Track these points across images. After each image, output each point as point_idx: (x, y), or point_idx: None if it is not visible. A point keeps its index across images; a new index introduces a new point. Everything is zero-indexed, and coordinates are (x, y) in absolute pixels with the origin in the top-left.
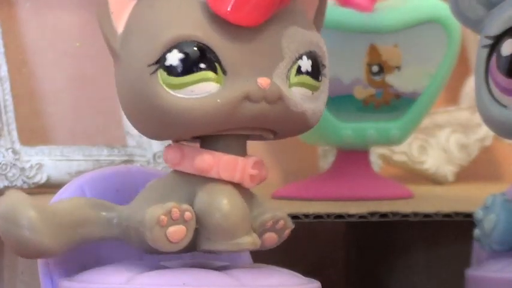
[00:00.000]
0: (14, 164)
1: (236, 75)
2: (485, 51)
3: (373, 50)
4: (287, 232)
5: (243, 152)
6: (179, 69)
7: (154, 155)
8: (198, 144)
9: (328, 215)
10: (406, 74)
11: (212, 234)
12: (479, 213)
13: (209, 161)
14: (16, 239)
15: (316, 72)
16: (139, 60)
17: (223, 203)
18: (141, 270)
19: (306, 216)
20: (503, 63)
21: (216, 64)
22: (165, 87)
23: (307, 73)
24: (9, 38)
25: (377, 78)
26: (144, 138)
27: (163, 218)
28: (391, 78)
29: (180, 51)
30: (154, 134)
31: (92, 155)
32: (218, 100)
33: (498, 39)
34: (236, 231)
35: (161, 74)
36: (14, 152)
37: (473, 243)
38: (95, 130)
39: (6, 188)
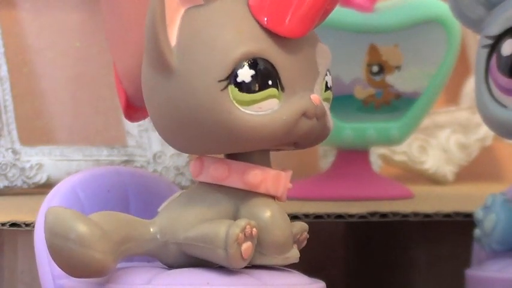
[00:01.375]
0: (14, 164)
1: (291, 92)
2: (485, 51)
3: (373, 50)
4: (304, 243)
5: (270, 164)
6: (251, 86)
7: (154, 155)
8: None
9: (328, 215)
10: (406, 74)
11: (265, 249)
12: (479, 213)
13: (260, 176)
14: (67, 256)
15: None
16: (206, 75)
17: (275, 220)
18: (162, 270)
19: (306, 216)
20: (504, 63)
21: (277, 81)
22: (235, 103)
23: (329, 88)
24: (9, 38)
25: (377, 78)
26: (144, 138)
27: (241, 236)
28: (391, 78)
29: (251, 67)
30: (205, 149)
31: (92, 155)
32: (284, 117)
33: (498, 39)
34: (288, 246)
35: (232, 90)
36: (14, 152)
37: (473, 243)
38: (95, 130)
39: (6, 188)
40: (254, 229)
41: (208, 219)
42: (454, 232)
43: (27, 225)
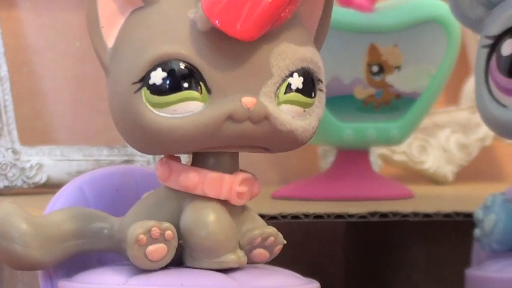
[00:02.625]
0: (14, 164)
1: (221, 94)
2: (485, 51)
3: (373, 50)
4: (278, 248)
5: (233, 168)
6: (162, 88)
7: (154, 156)
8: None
9: (328, 215)
10: (406, 74)
11: (195, 252)
12: (479, 213)
13: (194, 178)
14: (6, 253)
15: (308, 89)
16: (125, 77)
17: (206, 222)
18: (140, 271)
19: (306, 216)
20: (503, 63)
21: (201, 83)
22: (148, 105)
23: (298, 90)
24: (9, 38)
25: (377, 78)
26: None
27: (142, 237)
28: (391, 78)
29: (164, 69)
30: (142, 149)
31: (92, 155)
32: (202, 120)
33: (498, 39)
34: (219, 249)
35: (145, 92)
36: (14, 152)
37: (473, 243)
38: (95, 130)
39: (6, 188)
40: (168, 232)
41: (154, 218)
42: (454, 232)
43: None
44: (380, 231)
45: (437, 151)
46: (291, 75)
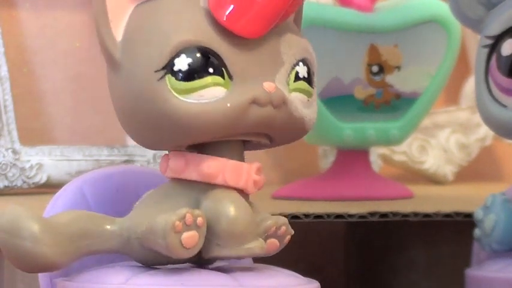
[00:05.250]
0: (14, 164)
1: (242, 80)
2: (485, 51)
3: (373, 50)
4: (288, 238)
5: (242, 158)
6: (188, 74)
7: (154, 155)
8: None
9: (328, 215)
10: (406, 74)
11: (222, 240)
12: (479, 213)
13: (216, 167)
14: (18, 252)
15: (310, 78)
16: (145, 66)
17: (231, 209)
18: (140, 271)
19: (306, 216)
20: (503, 63)
21: (223, 69)
22: (174, 92)
23: (304, 79)
24: (9, 38)
25: (377, 78)
26: None
27: (178, 223)
28: (391, 78)
29: (188, 56)
30: (157, 142)
31: (92, 155)
32: (228, 104)
33: (498, 39)
34: (245, 236)
35: (169, 79)
36: (14, 152)
37: (473, 243)
38: (95, 130)
39: (6, 188)
40: (199, 218)
41: (168, 211)
42: (454, 232)
43: None
44: (380, 231)
45: (437, 151)
46: (298, 64)
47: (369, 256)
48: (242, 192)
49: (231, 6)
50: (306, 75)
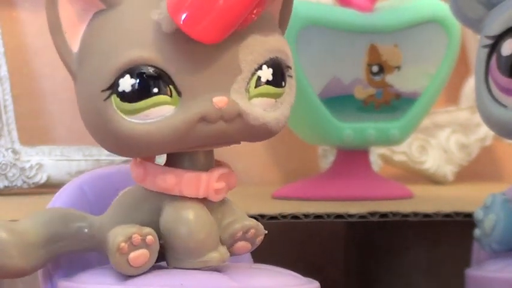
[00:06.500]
0: (14, 164)
1: (191, 97)
2: (485, 51)
3: (373, 50)
4: (259, 239)
5: (209, 165)
6: (132, 95)
7: None
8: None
9: (328, 215)
10: (406, 74)
11: (178, 253)
12: (479, 213)
13: (171, 180)
14: None
15: (278, 79)
16: (93, 84)
17: (188, 222)
18: None
19: (306, 216)
20: (503, 63)
21: (170, 86)
22: (119, 112)
23: (268, 82)
24: (9, 38)
25: (377, 78)
26: None
27: (124, 245)
28: (391, 78)
29: (132, 76)
30: (115, 153)
31: (92, 155)
32: (175, 124)
33: (498, 39)
34: (202, 249)
35: (115, 99)
36: (14, 152)
37: (473, 243)
38: None
39: (6, 188)
40: (149, 237)
41: (133, 219)
42: (454, 232)
43: None
44: (380, 231)
45: (437, 151)
46: (260, 68)
47: (368, 256)
48: (206, 199)
49: (189, 11)
50: (270, 78)
